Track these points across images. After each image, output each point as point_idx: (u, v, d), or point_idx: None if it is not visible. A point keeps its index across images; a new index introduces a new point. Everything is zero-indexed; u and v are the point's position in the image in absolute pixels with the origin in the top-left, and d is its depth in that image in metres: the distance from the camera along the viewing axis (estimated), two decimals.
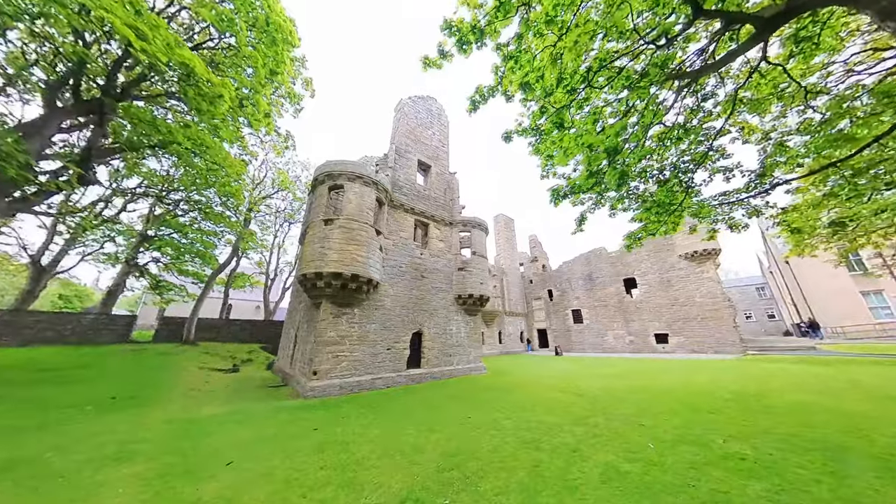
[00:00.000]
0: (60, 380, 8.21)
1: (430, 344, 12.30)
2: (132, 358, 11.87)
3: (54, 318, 13.70)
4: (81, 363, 10.33)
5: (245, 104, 10.43)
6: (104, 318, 14.96)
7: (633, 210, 7.01)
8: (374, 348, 10.41)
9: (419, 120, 15.87)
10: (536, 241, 36.58)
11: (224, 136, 9.36)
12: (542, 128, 6.83)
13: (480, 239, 15.61)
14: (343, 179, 10.73)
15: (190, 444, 4.72)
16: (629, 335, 21.68)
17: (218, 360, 14.81)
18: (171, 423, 5.78)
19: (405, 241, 12.89)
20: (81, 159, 8.41)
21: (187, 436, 5.04)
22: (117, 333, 14.99)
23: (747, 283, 39.46)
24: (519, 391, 9.35)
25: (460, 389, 9.82)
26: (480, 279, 14.48)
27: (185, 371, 11.12)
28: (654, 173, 6.96)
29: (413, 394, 9.28)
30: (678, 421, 5.74)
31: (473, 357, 13.94)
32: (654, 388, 8.99)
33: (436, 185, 15.40)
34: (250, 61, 8.19)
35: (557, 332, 28.01)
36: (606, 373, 12.62)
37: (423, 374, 11.49)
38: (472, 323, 14.56)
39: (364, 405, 7.78)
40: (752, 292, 37.14)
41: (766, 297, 35.96)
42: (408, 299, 12.07)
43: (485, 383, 10.96)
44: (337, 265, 9.42)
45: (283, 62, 9.21)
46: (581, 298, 26.46)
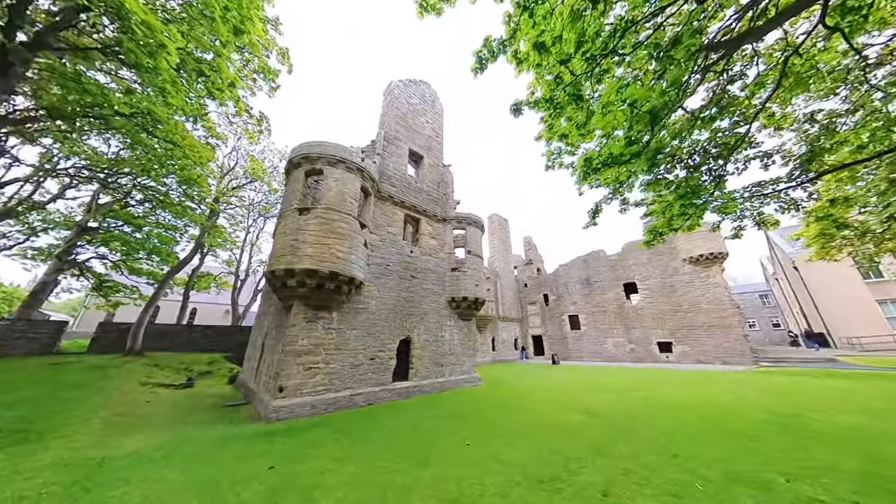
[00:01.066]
0: None
1: (419, 353, 11.28)
2: (48, 374, 10.20)
3: None
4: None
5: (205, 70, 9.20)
6: (21, 324, 12.99)
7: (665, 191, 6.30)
8: (354, 358, 9.30)
9: (411, 106, 14.97)
10: (531, 242, 36.26)
11: (174, 103, 8.08)
12: (557, 100, 6.08)
13: (476, 237, 14.80)
14: (322, 163, 9.65)
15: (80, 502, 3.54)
16: (630, 343, 21.37)
17: (169, 374, 13.18)
18: (69, 465, 4.51)
19: (394, 237, 11.88)
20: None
21: (83, 487, 3.83)
22: (40, 343, 13.06)
23: (749, 290, 40.43)
24: (521, 408, 8.49)
25: (454, 406, 8.86)
26: (476, 280, 13.63)
27: (120, 389, 9.60)
28: (683, 158, 6.34)
29: (399, 412, 8.24)
30: (718, 451, 5.01)
31: (467, 367, 13.02)
32: (672, 404, 8.35)
33: (428, 177, 14.50)
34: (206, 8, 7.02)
35: (553, 338, 27.53)
36: (613, 385, 11.98)
37: (412, 388, 10.45)
38: (467, 329, 13.65)
39: (339, 429, 6.69)
40: (755, 300, 37.99)
41: (770, 305, 36.83)
42: (395, 302, 11.03)
43: (481, 398, 10.04)
44: (312, 261, 8.31)
45: (249, 18, 8.06)
46: (578, 304, 26.11)
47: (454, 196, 15.17)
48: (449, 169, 15.79)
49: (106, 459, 4.87)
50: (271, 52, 13.21)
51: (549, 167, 10.11)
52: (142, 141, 11.68)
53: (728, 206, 7.14)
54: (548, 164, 9.93)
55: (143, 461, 4.89)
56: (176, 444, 5.59)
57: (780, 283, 25.85)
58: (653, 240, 7.95)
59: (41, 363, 11.54)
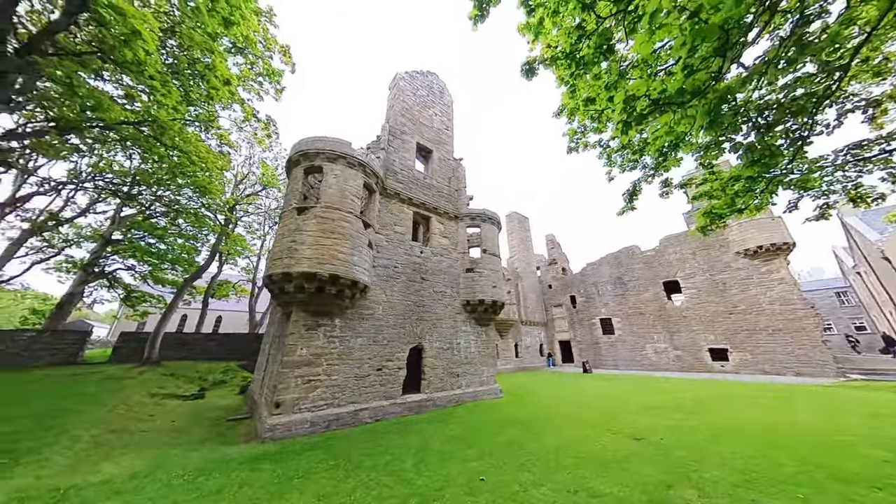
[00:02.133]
0: None
1: (432, 362, 10.40)
2: (62, 385, 10.37)
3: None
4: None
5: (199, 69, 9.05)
6: (47, 335, 13.62)
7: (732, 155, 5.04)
8: (359, 369, 8.59)
9: (418, 98, 14.35)
10: (555, 241, 34.44)
11: (167, 103, 7.90)
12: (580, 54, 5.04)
13: (492, 235, 13.78)
14: (322, 160, 9.15)
15: None
16: (675, 349, 19.16)
17: (182, 384, 13.23)
18: (24, 500, 4.06)
19: (401, 237, 11.17)
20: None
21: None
22: (64, 353, 13.62)
23: (822, 286, 35.25)
24: (550, 430, 7.31)
25: (470, 425, 7.84)
26: (493, 282, 12.58)
27: (126, 402, 9.51)
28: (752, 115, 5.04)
29: (408, 431, 7.37)
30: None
31: (487, 377, 11.93)
32: (745, 430, 6.81)
33: (438, 172, 13.74)
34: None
35: (584, 344, 25.57)
36: (661, 401, 10.38)
37: (424, 402, 9.56)
38: (485, 335, 12.59)
39: (336, 453, 5.93)
40: (830, 298, 33.03)
41: (851, 305, 31.85)
42: (404, 307, 10.26)
43: (502, 415, 8.94)
44: (311, 263, 7.74)
45: (238, 7, 7.74)
46: (611, 305, 24.07)
47: (467, 191, 14.27)
48: (460, 163, 14.95)
49: (70, 490, 4.41)
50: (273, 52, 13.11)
51: (573, 149, 8.96)
52: (153, 149, 11.84)
53: (810, 178, 5.68)
54: (570, 145, 8.80)
55: (110, 493, 4.38)
56: (152, 471, 5.08)
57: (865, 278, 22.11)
58: (709, 225, 6.60)
59: (63, 374, 11.90)
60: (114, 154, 16.95)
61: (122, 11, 5.24)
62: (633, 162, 7.87)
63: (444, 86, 16.12)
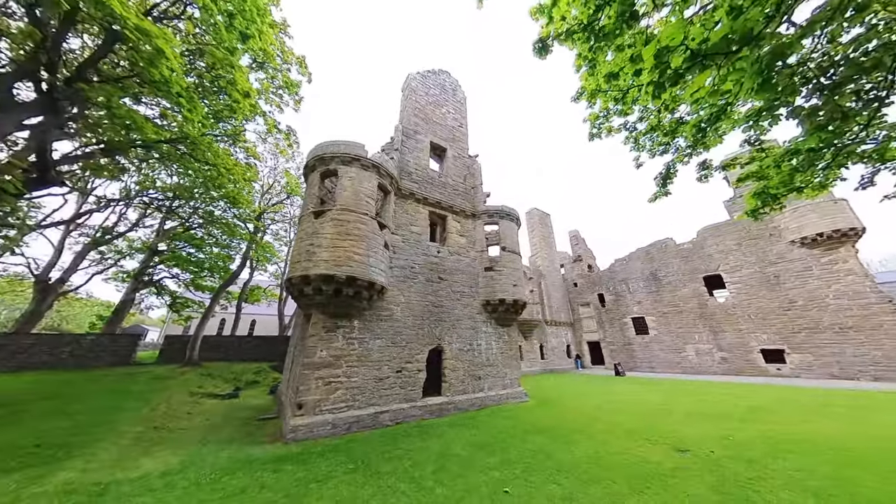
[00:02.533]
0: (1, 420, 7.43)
1: (452, 363, 10.14)
2: (117, 384, 11.30)
3: (52, 341, 13.87)
4: (52, 393, 9.82)
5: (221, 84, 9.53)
6: (105, 338, 15.03)
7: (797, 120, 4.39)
8: (379, 370, 8.53)
9: (430, 97, 14.25)
10: (579, 237, 32.95)
11: (193, 118, 8.34)
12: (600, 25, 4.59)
13: (511, 232, 13.31)
14: (336, 163, 9.26)
15: None
16: (720, 350, 17.45)
17: (218, 383, 14.01)
18: (70, 493, 4.33)
19: (418, 237, 11.06)
20: (38, 156, 7.81)
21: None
22: (119, 355, 14.96)
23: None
24: (580, 438, 6.78)
25: (493, 431, 7.49)
26: (513, 280, 12.10)
27: (167, 400, 10.16)
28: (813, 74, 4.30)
29: (428, 435, 7.17)
30: None
31: (510, 380, 11.47)
32: (812, 442, 5.89)
33: (453, 170, 13.51)
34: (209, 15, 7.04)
35: (615, 345, 24.10)
36: (708, 407, 9.39)
37: (445, 405, 9.33)
38: (507, 336, 12.13)
39: (356, 458, 5.84)
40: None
41: None
42: (422, 308, 10.11)
43: (527, 420, 8.48)
44: (328, 266, 7.80)
45: (253, 21, 8.03)
46: (644, 303, 22.49)
47: (483, 188, 13.91)
48: (476, 160, 14.63)
49: (111, 485, 4.65)
50: (290, 63, 13.58)
51: (595, 135, 8.38)
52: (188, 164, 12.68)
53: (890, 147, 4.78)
54: (592, 131, 8.24)
55: (144, 489, 4.56)
56: (183, 469, 5.26)
57: None
58: (761, 208, 5.78)
59: (119, 373, 13.02)
60: (157, 172, 18.48)
61: (146, 32, 5.56)
62: (664, 145, 7.19)
63: (457, 83, 15.89)
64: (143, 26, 5.44)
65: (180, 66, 6.51)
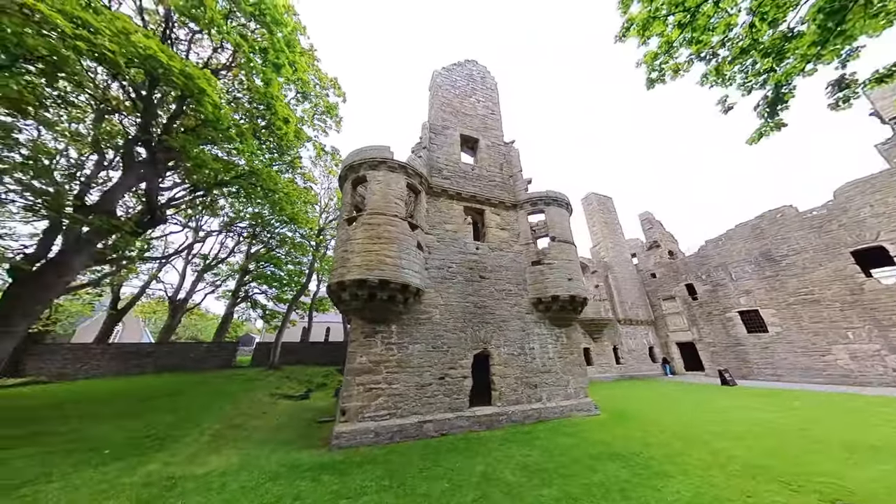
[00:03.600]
0: (131, 412, 9.18)
1: (501, 370, 9.13)
2: (218, 384, 13.31)
3: (183, 348, 17.34)
4: (174, 390, 11.96)
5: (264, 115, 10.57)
6: (214, 346, 18.19)
7: None
8: (420, 377, 8.09)
9: (457, 89, 13.67)
10: (652, 219, 28.00)
11: (246, 150, 9.36)
12: None
13: (560, 219, 11.69)
14: (365, 169, 9.32)
15: None
16: (893, 353, 12.32)
17: (293, 385, 15.54)
18: (147, 485, 4.86)
19: (453, 235, 10.45)
20: (147, 202, 9.66)
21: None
22: (222, 359, 17.89)
23: None
24: (671, 471, 5.14)
25: (551, 451, 6.27)
26: (568, 274, 10.49)
27: (251, 399, 11.49)
28: None
29: (474, 453, 6.35)
30: None
31: (574, 389, 9.84)
32: None
33: (488, 160, 12.60)
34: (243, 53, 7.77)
35: (717, 346, 19.37)
36: (883, 438, 6.39)
37: (497, 416, 8.37)
38: (566, 338, 10.52)
39: (393, 473, 5.40)
40: None
41: None
42: (463, 309, 9.40)
43: (597, 439, 6.95)
44: (360, 270, 7.75)
45: (282, 51, 8.65)
46: (756, 293, 17.58)
47: (523, 175, 12.61)
48: (512, 146, 13.43)
49: (179, 480, 5.10)
50: (327, 88, 14.56)
51: (656, 80, 6.77)
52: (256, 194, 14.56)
53: None
54: (651, 75, 6.64)
55: (203, 488, 4.87)
56: (238, 470, 5.56)
57: None
58: None
59: (221, 376, 15.49)
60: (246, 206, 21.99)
61: (190, 76, 6.32)
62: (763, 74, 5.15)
63: (485, 70, 14.99)
64: (187, 71, 6.19)
65: (222, 99, 7.33)
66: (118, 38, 5.35)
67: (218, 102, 7.10)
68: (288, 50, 9.23)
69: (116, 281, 18.10)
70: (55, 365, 15.02)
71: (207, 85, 6.66)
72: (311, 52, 11.82)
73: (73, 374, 14.90)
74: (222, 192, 14.67)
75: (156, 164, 9.67)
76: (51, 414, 8.83)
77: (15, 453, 6.01)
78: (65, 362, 15.13)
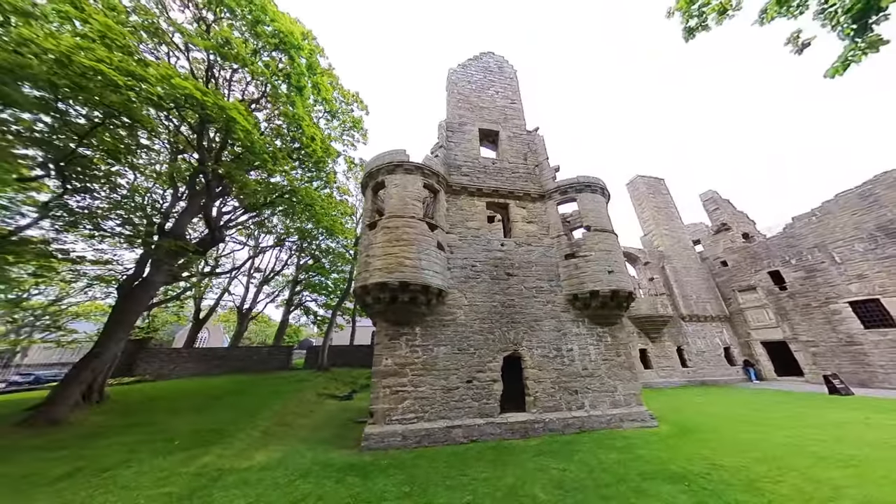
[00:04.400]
0: (203, 407, 10.45)
1: (535, 373, 8.44)
2: (274, 384, 14.63)
3: (248, 352, 19.55)
4: (238, 389, 13.42)
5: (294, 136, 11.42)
6: (273, 350, 20.18)
7: None
8: (446, 380, 7.85)
9: (473, 84, 13.32)
10: (718, 198, 24.11)
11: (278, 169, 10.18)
12: None
13: (595, 206, 10.57)
14: (383, 174, 9.48)
15: None
16: None
17: (339, 386, 16.44)
18: (198, 476, 5.38)
19: (475, 233, 10.08)
20: (207, 224, 11.07)
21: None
22: (280, 361, 19.75)
23: None
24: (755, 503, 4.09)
25: (593, 467, 5.51)
26: (607, 265, 9.37)
27: (299, 399, 12.37)
28: None
29: (504, 464, 5.89)
30: None
31: (623, 395, 8.67)
32: None
33: (509, 152, 11.99)
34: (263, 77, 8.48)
35: (818, 346, 15.72)
36: None
37: (531, 423, 7.72)
38: (610, 337, 9.38)
39: (416, 479, 5.23)
40: None
41: None
42: (489, 309, 8.95)
43: (651, 456, 5.94)
44: (381, 273, 7.83)
45: (301, 73, 9.27)
46: (872, 278, 13.90)
47: (550, 163, 11.70)
48: (537, 134, 12.59)
49: (225, 473, 5.55)
50: (350, 103, 15.29)
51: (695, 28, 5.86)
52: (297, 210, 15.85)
53: None
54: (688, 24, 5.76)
55: (241, 482, 5.23)
56: (276, 466, 5.89)
57: None
58: None
59: (279, 377, 17.08)
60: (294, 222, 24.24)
61: (222, 107, 7.06)
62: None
63: (503, 60, 14.38)
64: (220, 103, 6.93)
65: (258, 127, 8.08)
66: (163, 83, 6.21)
67: (249, 128, 7.86)
68: (308, 73, 9.90)
69: (196, 294, 21.25)
70: (156, 366, 18.05)
71: (238, 114, 7.41)
72: (330, 71, 12.55)
73: (168, 374, 17.74)
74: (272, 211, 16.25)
75: (210, 191, 11.06)
76: (145, 408, 10.52)
77: (112, 440, 7.20)
78: (162, 364, 18.10)
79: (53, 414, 8.01)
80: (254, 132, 8.31)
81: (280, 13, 8.39)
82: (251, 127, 7.97)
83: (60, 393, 8.43)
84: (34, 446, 6.77)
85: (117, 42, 6.07)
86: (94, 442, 7.19)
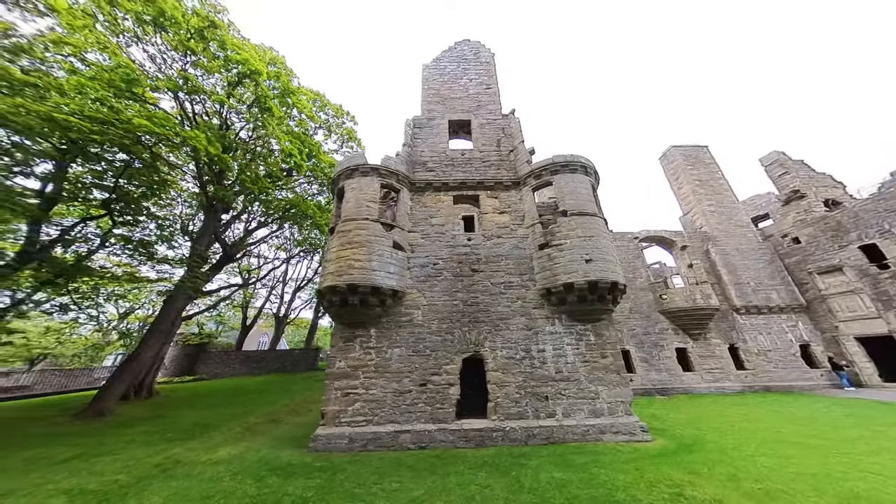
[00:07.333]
0: (219, 403, 11.76)
1: (498, 376, 7.67)
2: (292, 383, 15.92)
3: (283, 354, 21.61)
4: (262, 388, 14.86)
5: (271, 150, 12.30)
6: (302, 352, 22.05)
7: None
8: (398, 383, 7.58)
9: (446, 76, 12.87)
10: (786, 161, 19.48)
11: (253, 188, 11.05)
12: None
13: (575, 187, 9.33)
14: (342, 180, 9.64)
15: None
16: None
17: None
18: (157, 465, 5.93)
19: (440, 229, 9.63)
20: (219, 243, 12.57)
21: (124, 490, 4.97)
22: (307, 362, 21.45)
23: None
24: None
25: (521, 489, 4.75)
26: (584, 254, 8.13)
27: (306, 397, 13.17)
28: None
29: (434, 474, 5.44)
30: None
31: (607, 404, 7.36)
32: None
33: (481, 140, 11.26)
34: None
35: None
36: None
37: (490, 432, 7.01)
38: (593, 336, 8.08)
39: (331, 486, 5.15)
40: None
41: None
42: (450, 308, 8.43)
43: (604, 483, 4.91)
44: (332, 277, 7.93)
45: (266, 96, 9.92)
46: None
47: (525, 146, 10.64)
48: (512, 116, 11.60)
49: (183, 464, 6.11)
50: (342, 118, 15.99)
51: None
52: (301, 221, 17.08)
53: None
54: None
55: (185, 475, 5.68)
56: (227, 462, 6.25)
57: None
58: None
59: (304, 376, 18.55)
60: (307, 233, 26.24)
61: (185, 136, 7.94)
62: None
63: (479, 45, 13.62)
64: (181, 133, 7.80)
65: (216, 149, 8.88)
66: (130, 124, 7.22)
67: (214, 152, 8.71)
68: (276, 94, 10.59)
69: (242, 303, 24.34)
70: (212, 367, 21.05)
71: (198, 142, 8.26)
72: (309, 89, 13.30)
73: (220, 374, 20.56)
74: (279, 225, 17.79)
75: (216, 213, 12.51)
76: (179, 403, 12.26)
77: (136, 430, 8.49)
78: (215, 365, 21.06)
79: (100, 407, 9.80)
80: (226, 157, 9.19)
81: (237, 42, 9.19)
82: (216, 151, 8.83)
83: (106, 389, 10.29)
84: (74, 432, 8.34)
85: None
86: (119, 431, 8.57)
